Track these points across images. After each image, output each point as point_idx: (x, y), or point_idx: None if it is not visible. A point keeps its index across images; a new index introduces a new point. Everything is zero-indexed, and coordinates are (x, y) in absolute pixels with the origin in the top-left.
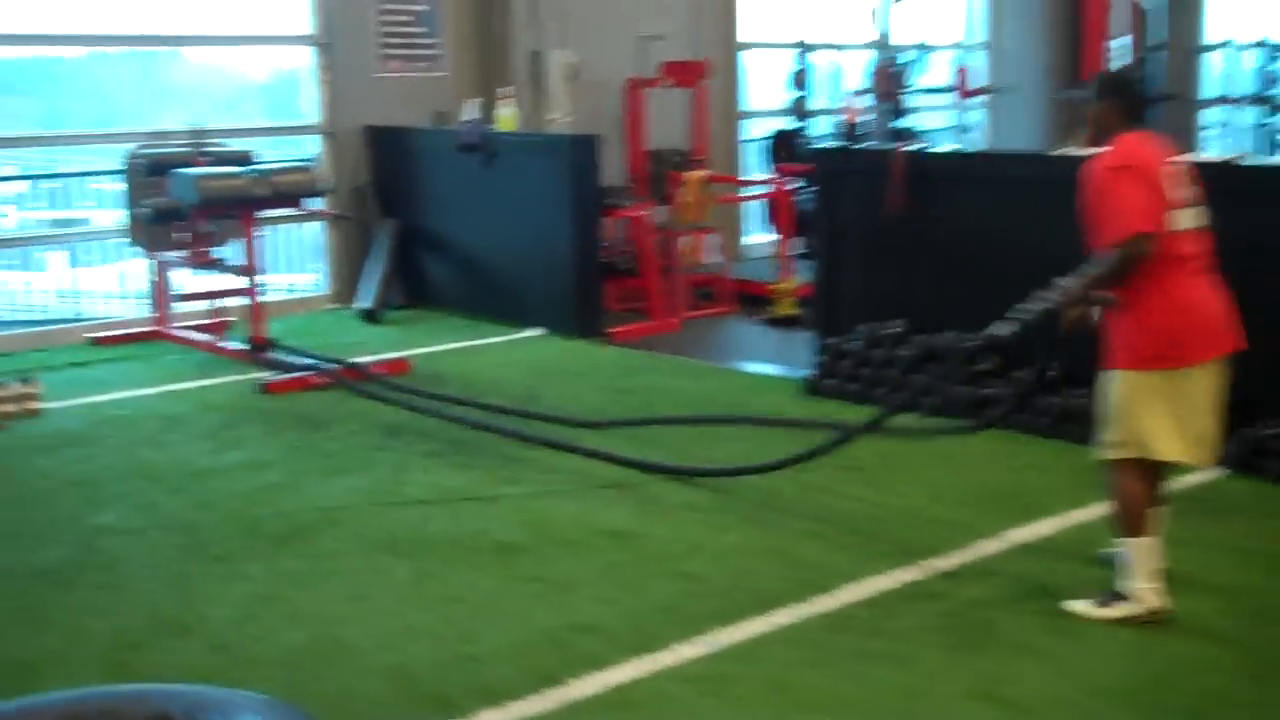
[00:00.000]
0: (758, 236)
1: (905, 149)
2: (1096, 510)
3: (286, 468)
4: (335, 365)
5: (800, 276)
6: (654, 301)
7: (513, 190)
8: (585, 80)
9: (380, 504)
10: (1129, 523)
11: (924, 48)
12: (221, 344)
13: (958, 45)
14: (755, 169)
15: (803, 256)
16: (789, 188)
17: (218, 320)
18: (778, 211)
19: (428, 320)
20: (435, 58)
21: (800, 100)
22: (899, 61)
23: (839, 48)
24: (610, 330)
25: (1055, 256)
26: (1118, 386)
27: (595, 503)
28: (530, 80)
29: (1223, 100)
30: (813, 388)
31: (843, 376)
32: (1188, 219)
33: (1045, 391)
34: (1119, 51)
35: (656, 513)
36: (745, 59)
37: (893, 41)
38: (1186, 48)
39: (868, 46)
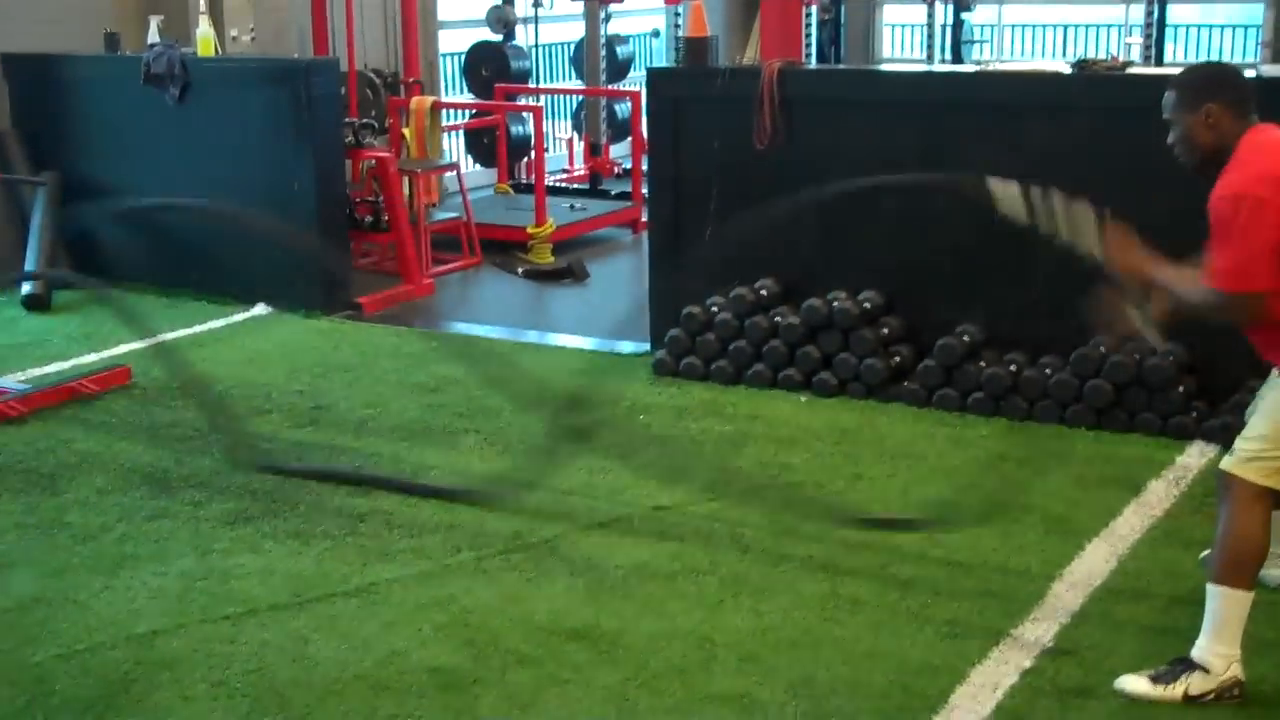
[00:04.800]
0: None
1: (777, 65)
2: (1134, 521)
3: (35, 564)
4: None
5: (555, 219)
6: (407, 261)
7: (220, 130)
8: None
9: (212, 619)
10: (1238, 569)
11: None
12: None
13: None
14: (452, 90)
15: (557, 193)
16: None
17: None
18: (494, 142)
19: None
20: None
21: (500, 8)
22: None
23: None
24: (359, 300)
25: (963, 198)
26: None
27: (516, 581)
28: None
29: None
30: (669, 368)
31: (704, 353)
32: None
33: (970, 359)
34: None
35: (608, 587)
36: None
37: None
38: None
39: None
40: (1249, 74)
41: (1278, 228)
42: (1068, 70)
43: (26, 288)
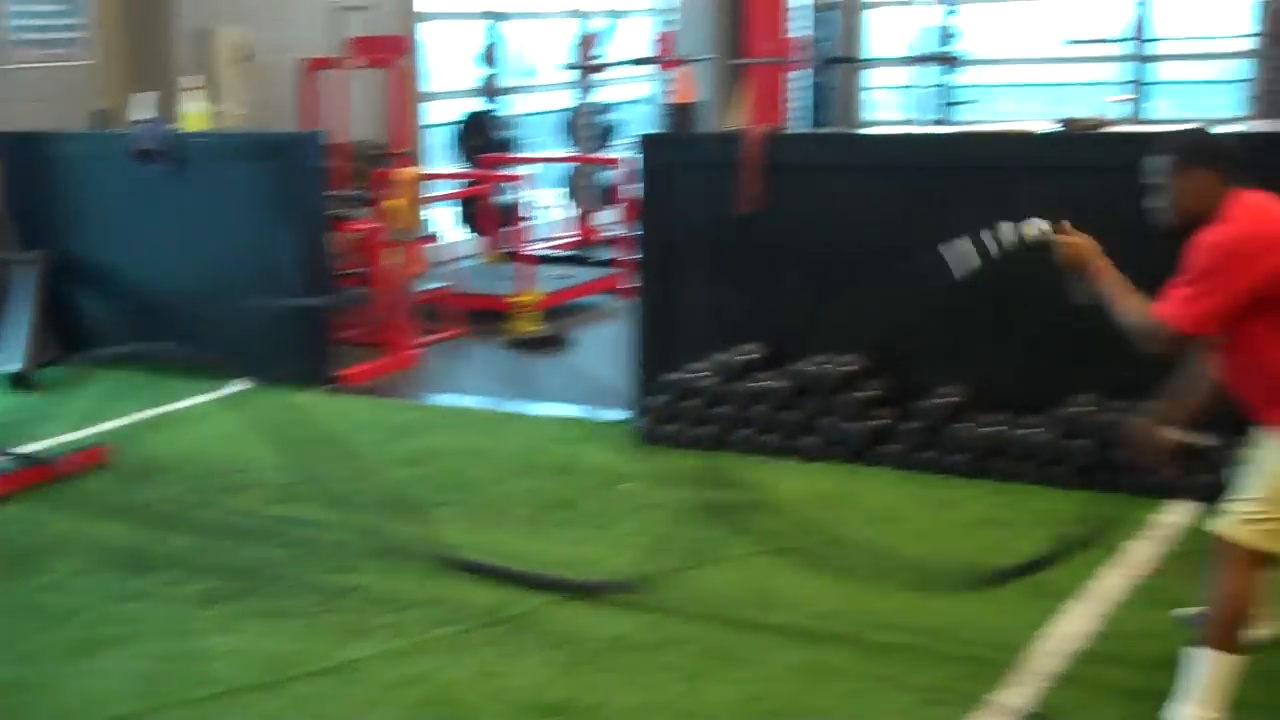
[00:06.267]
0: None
1: (762, 130)
2: (1115, 581)
3: (7, 648)
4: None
5: (541, 287)
6: (391, 331)
7: (209, 204)
8: (261, 62)
9: (186, 702)
10: (1225, 632)
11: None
12: None
13: (651, 11)
14: (441, 159)
15: (545, 261)
16: (494, 183)
17: None
18: (481, 210)
19: (97, 380)
20: (77, 42)
21: (491, 78)
22: (594, 31)
23: (535, 16)
24: (340, 374)
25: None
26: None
27: (495, 655)
28: (198, 66)
29: (895, 60)
30: (649, 435)
31: (688, 419)
32: None
33: (953, 421)
34: (798, 12)
35: (588, 660)
36: (424, 32)
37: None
38: (853, 5)
39: (565, 15)
40: (1236, 130)
41: (1241, 287)
42: (1053, 129)
43: (8, 366)
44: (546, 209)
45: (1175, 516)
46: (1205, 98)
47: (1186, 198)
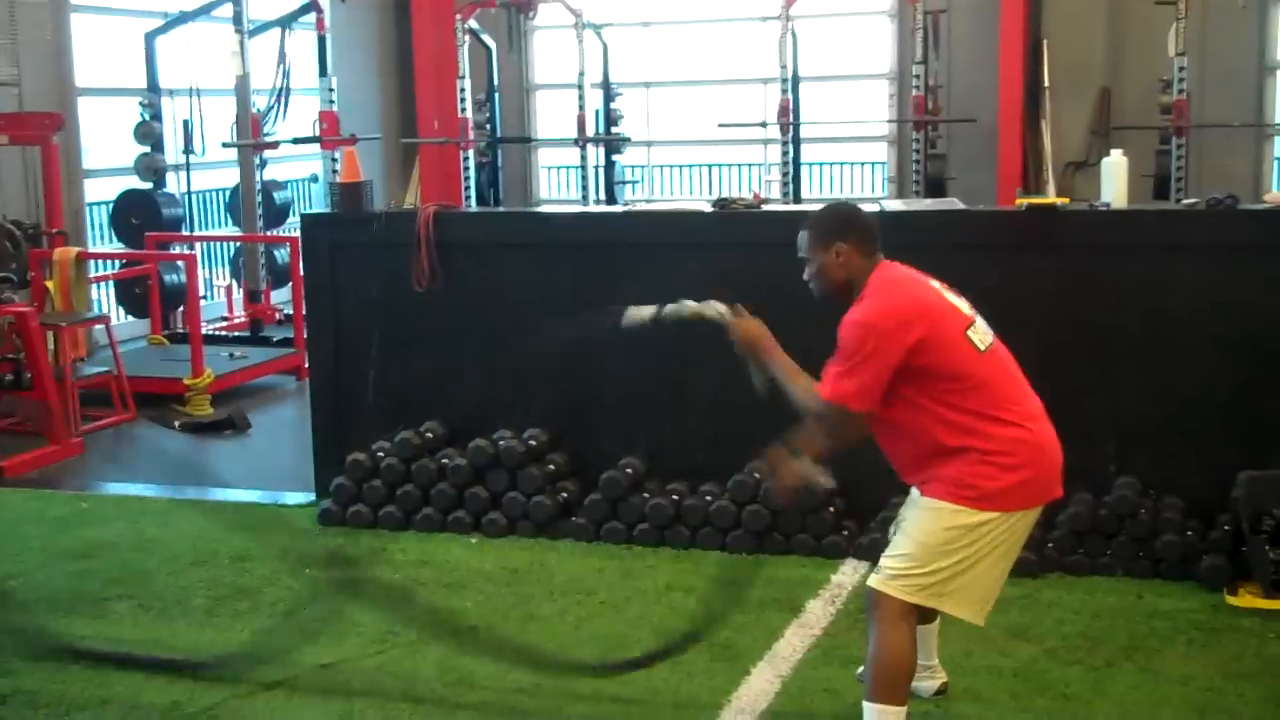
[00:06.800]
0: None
1: (432, 209)
2: (797, 641)
3: None
4: None
5: (212, 368)
6: (52, 419)
7: None
8: None
9: None
10: (891, 686)
11: (283, 92)
12: None
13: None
14: (100, 239)
15: (214, 342)
16: (157, 262)
17: None
18: (143, 290)
19: None
20: None
21: (150, 156)
22: (260, 109)
23: (196, 93)
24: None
25: (623, 333)
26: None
27: None
28: None
29: (563, 141)
30: (336, 517)
31: (375, 500)
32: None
33: (634, 491)
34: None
35: None
36: (83, 108)
37: (254, 85)
38: (521, 87)
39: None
40: (874, 208)
41: (891, 361)
42: (708, 209)
43: None
44: (215, 288)
45: (848, 576)
46: (849, 178)
47: (831, 269)
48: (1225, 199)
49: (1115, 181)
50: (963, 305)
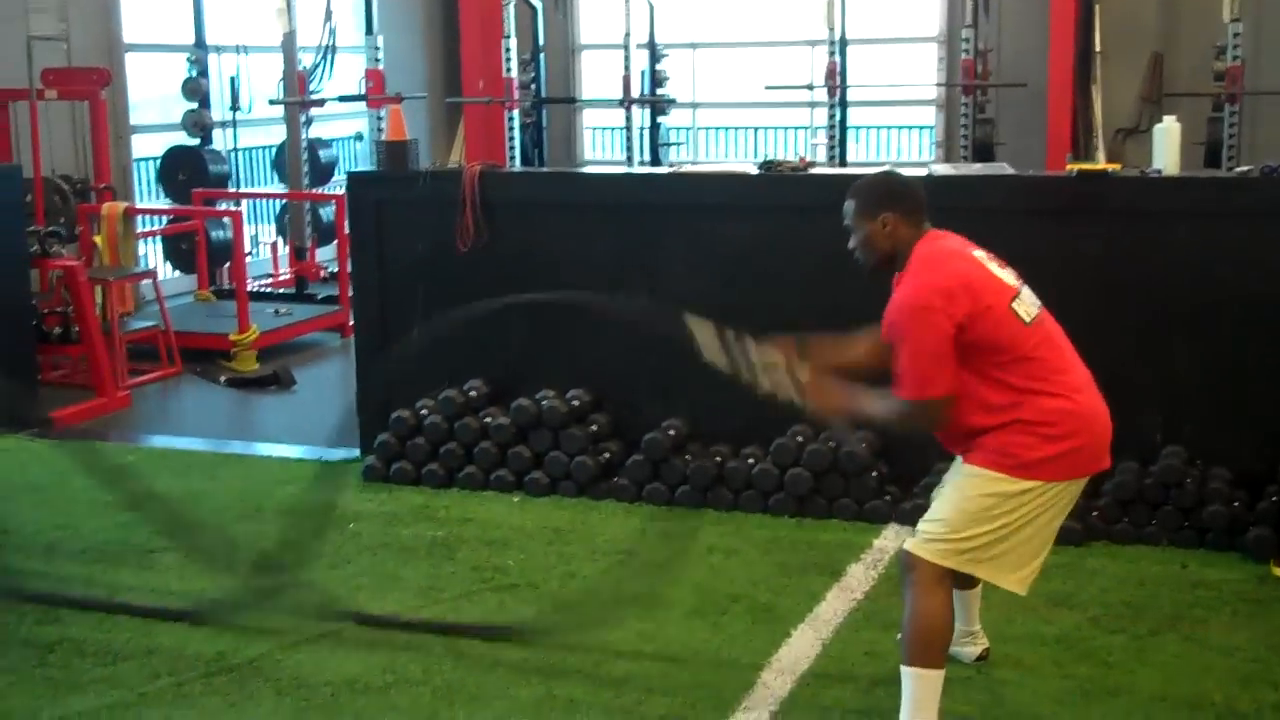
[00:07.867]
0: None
1: (477, 168)
2: (838, 605)
3: None
4: None
5: (258, 325)
6: (100, 373)
7: None
8: None
9: None
10: (927, 650)
11: (329, 50)
12: None
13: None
14: (147, 195)
15: (260, 298)
16: (204, 218)
17: None
18: (191, 246)
19: None
20: None
21: (197, 112)
22: (307, 67)
23: (243, 50)
24: (49, 416)
25: (671, 292)
26: None
27: (219, 705)
28: None
29: (608, 102)
30: (379, 473)
31: (418, 457)
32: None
33: (676, 453)
34: (514, 52)
35: (318, 706)
36: (130, 64)
37: (300, 43)
38: (566, 48)
39: (276, 50)
40: (921, 173)
41: (949, 335)
42: (754, 171)
43: None
44: (261, 245)
45: (890, 541)
46: (895, 142)
47: (878, 239)
48: (1279, 167)
49: (1167, 148)
50: (1008, 277)
